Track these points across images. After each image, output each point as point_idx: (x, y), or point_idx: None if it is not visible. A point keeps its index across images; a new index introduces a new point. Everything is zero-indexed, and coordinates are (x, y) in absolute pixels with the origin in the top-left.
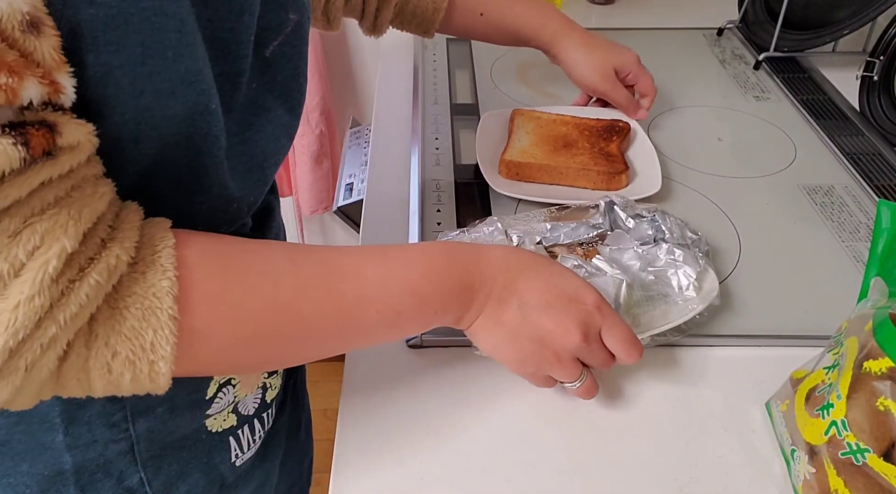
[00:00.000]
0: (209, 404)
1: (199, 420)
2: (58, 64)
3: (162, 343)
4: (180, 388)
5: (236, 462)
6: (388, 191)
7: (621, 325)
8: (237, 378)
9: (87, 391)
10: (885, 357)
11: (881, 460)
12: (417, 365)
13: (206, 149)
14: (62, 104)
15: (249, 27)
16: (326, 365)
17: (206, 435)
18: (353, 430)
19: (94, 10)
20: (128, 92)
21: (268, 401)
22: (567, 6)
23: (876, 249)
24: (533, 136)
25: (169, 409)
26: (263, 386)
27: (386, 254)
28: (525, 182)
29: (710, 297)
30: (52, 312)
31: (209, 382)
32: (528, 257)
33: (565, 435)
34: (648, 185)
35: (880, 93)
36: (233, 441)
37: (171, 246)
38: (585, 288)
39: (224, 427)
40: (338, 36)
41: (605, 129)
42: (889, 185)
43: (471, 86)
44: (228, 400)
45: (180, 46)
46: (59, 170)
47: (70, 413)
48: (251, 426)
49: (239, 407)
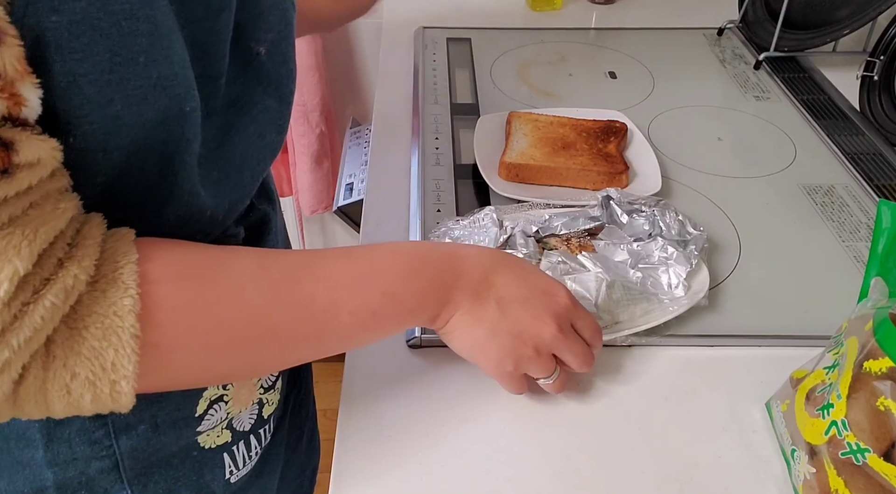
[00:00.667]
0: (199, 421)
1: (190, 436)
2: (21, 74)
3: (123, 362)
4: (163, 405)
5: (231, 479)
6: (388, 191)
7: (590, 317)
8: (229, 394)
9: (45, 412)
10: (886, 357)
11: (881, 460)
12: (417, 365)
13: (177, 154)
14: (24, 118)
15: (227, 26)
16: (326, 365)
17: (199, 452)
18: (353, 430)
19: (58, 18)
20: (95, 101)
21: (265, 417)
22: (567, 6)
23: (876, 249)
24: (531, 138)
25: (152, 427)
26: (260, 402)
27: (356, 255)
28: (525, 184)
29: (697, 298)
30: (5, 336)
31: (198, 398)
32: (499, 254)
33: (566, 436)
34: (649, 185)
35: (881, 93)
36: (227, 457)
37: (133, 260)
38: (556, 283)
39: (218, 443)
40: (338, 36)
41: (603, 130)
42: (889, 185)
43: (471, 85)
44: (221, 416)
45: (153, 51)
46: (15, 188)
47: (49, 430)
48: (247, 442)
49: (234, 422)
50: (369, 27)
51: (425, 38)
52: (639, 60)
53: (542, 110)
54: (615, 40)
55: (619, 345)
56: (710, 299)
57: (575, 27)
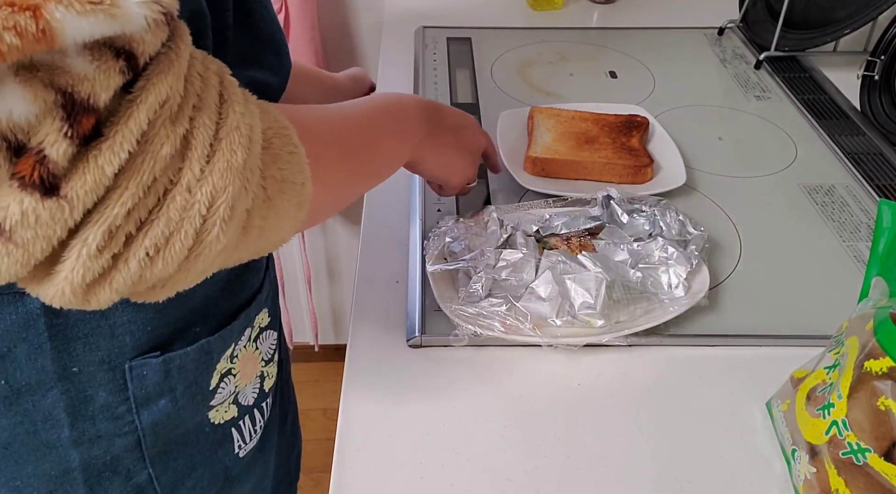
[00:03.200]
0: (212, 395)
1: (203, 412)
2: None
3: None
4: (181, 377)
5: (240, 452)
6: (388, 191)
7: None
8: (237, 367)
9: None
10: (886, 356)
11: (882, 460)
12: (417, 364)
13: None
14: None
15: None
16: (326, 365)
17: (210, 428)
18: (353, 430)
19: None
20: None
21: (265, 391)
22: (567, 6)
23: (877, 249)
24: (554, 133)
25: (172, 400)
26: (261, 375)
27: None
28: (551, 178)
29: (697, 298)
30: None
31: (212, 372)
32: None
33: (566, 435)
34: (673, 178)
35: (881, 93)
36: (235, 432)
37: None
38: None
39: (226, 419)
40: (338, 36)
41: (624, 124)
42: (890, 185)
43: (471, 85)
44: (230, 390)
45: None
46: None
47: (75, 408)
48: (252, 416)
49: (239, 397)
50: (369, 27)
51: (425, 37)
52: (639, 60)
53: (562, 105)
54: (616, 40)
55: (619, 345)
56: (710, 299)
57: (576, 27)
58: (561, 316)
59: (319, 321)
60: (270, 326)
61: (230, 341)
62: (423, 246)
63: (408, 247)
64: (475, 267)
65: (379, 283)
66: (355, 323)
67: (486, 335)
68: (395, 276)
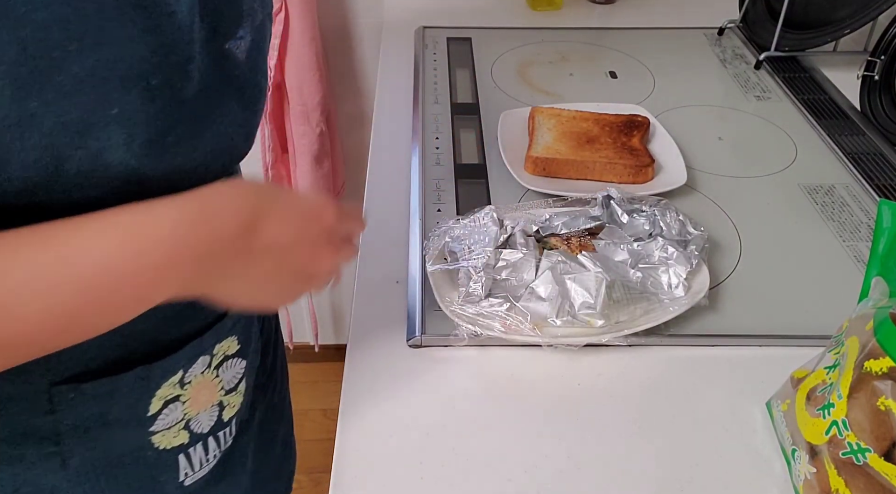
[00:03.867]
0: (152, 420)
1: (143, 436)
2: None
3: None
4: (114, 402)
5: (185, 481)
6: (388, 191)
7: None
8: (186, 394)
9: None
10: (886, 356)
11: (882, 460)
12: (417, 364)
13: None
14: None
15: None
16: (326, 365)
17: (153, 452)
18: (353, 430)
19: None
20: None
21: (225, 420)
22: (568, 6)
23: (877, 249)
24: (555, 133)
25: (103, 424)
26: (220, 404)
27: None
28: (551, 178)
29: (697, 298)
30: None
31: (151, 397)
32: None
33: (566, 435)
34: (674, 178)
35: (881, 93)
36: (182, 459)
37: None
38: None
39: (174, 445)
40: (338, 35)
41: (625, 124)
42: (890, 185)
43: (471, 85)
44: (177, 416)
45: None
46: None
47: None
48: (205, 444)
49: (191, 424)
50: (369, 27)
51: (426, 37)
52: (639, 60)
53: (563, 105)
54: (616, 40)
55: (619, 345)
56: (710, 299)
57: (575, 27)
58: (561, 316)
59: (319, 321)
60: (239, 355)
61: (177, 367)
62: (423, 246)
63: (408, 247)
64: (475, 267)
65: (379, 283)
66: (355, 323)
67: (486, 335)
68: (395, 276)
